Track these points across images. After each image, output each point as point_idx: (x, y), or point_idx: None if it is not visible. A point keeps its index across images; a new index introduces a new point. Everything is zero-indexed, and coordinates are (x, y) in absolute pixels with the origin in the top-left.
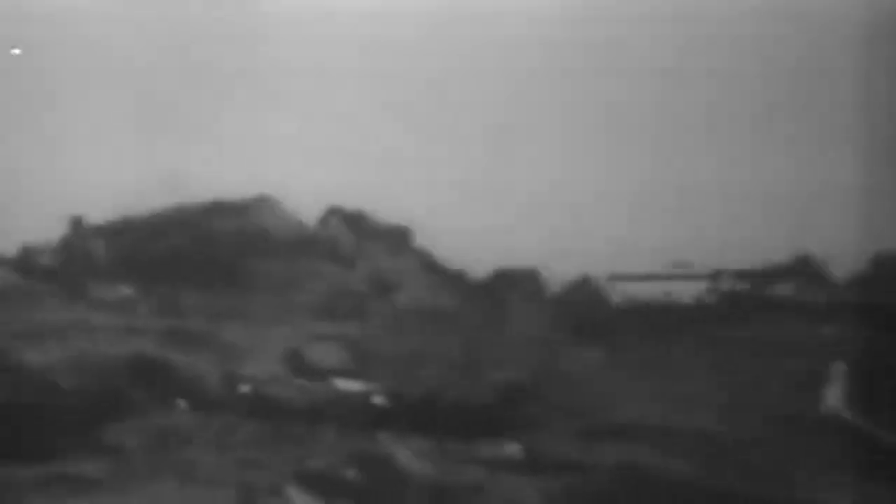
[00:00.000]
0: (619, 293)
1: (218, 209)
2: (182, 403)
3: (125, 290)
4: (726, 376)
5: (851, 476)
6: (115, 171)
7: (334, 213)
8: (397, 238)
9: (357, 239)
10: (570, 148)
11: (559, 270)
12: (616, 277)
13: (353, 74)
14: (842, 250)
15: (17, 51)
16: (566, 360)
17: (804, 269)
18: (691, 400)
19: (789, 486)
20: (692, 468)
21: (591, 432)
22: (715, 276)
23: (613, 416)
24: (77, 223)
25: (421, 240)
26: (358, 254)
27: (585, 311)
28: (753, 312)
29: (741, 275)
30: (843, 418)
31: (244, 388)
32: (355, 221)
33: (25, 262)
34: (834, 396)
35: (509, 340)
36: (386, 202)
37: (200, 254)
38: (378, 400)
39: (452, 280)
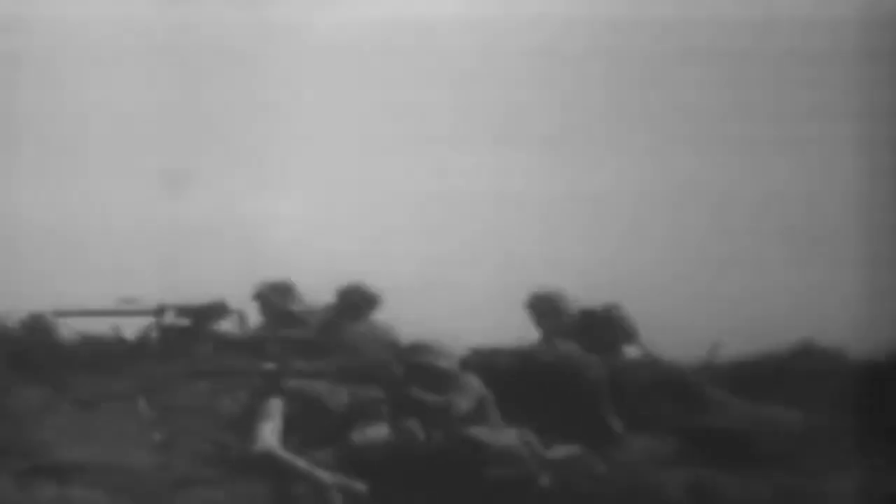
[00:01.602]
0: (70, 329)
1: None
2: None
3: None
4: (163, 413)
5: None
6: None
7: None
8: None
9: None
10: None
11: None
12: (62, 313)
13: None
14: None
15: None
16: (12, 400)
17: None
18: (129, 438)
19: None
20: None
21: (30, 473)
22: (159, 311)
23: (55, 456)
24: None
25: None
26: None
27: (32, 349)
28: (193, 348)
29: (183, 311)
30: (276, 456)
31: None
32: None
33: None
34: (268, 434)
35: None
36: None
37: None
38: None
39: None
